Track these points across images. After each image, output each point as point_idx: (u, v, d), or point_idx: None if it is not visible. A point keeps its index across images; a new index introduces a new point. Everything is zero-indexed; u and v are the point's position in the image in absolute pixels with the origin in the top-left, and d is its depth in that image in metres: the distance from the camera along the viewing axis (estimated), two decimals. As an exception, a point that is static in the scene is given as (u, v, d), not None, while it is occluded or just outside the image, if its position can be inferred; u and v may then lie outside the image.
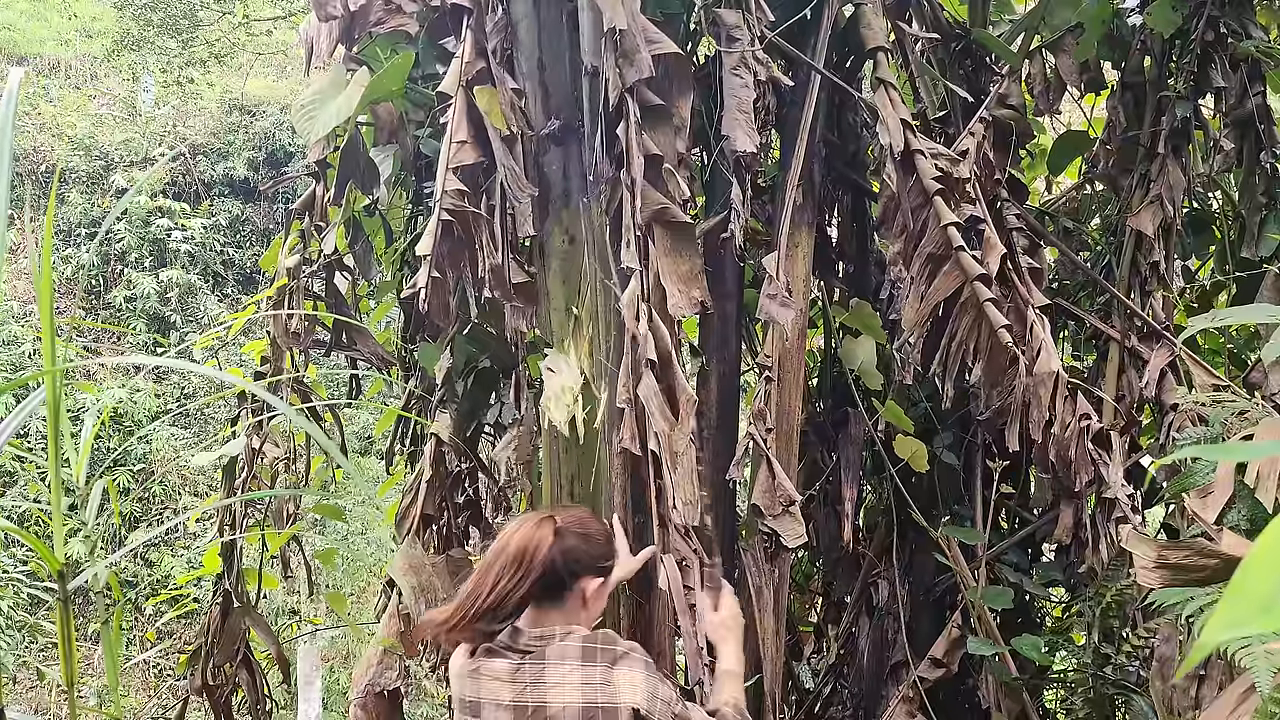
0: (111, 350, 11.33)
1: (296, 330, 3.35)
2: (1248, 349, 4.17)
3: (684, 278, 2.57)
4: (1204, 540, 2.13)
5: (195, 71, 12.64)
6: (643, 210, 2.54)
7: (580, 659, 2.00)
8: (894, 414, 3.40)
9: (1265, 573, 0.51)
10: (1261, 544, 0.53)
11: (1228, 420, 2.44)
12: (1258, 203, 3.74)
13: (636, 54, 2.54)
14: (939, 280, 2.95)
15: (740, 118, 2.72)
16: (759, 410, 2.89)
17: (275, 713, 3.89)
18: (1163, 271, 3.70)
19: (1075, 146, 4.15)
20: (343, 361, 3.76)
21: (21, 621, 7.59)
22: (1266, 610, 0.50)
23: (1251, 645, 1.79)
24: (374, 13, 3.21)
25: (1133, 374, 3.64)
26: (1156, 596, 2.15)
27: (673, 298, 2.54)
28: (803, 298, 3.13)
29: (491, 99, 2.83)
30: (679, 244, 2.59)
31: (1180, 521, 2.78)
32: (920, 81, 3.52)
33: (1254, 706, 1.88)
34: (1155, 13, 3.49)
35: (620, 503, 2.65)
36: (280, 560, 3.87)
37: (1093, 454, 3.09)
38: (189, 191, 12.67)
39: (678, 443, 2.46)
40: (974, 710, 3.60)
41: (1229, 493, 2.23)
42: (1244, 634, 0.50)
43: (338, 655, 9.83)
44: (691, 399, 2.50)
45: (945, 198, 2.94)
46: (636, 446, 2.49)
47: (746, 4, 2.85)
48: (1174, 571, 2.11)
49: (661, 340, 2.48)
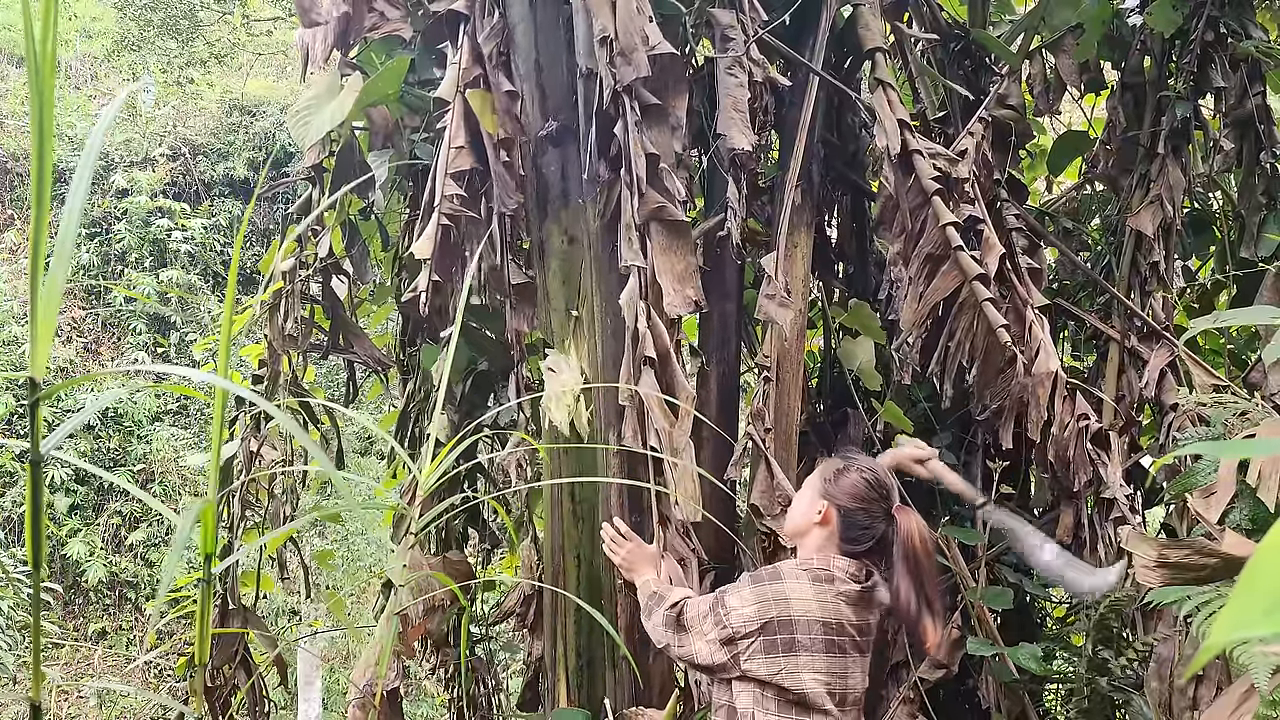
0: (112, 350, 11.32)
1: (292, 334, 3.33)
2: (1248, 349, 4.16)
3: (679, 276, 2.57)
4: (1204, 539, 2.13)
5: (195, 72, 12.64)
6: (640, 209, 2.54)
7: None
8: (892, 414, 3.39)
9: (1272, 574, 0.51)
10: (1269, 544, 0.53)
11: (1228, 420, 2.44)
12: (1257, 203, 3.74)
13: (633, 54, 2.54)
14: (938, 280, 2.95)
15: (735, 117, 2.72)
16: (758, 410, 2.88)
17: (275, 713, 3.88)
18: (1163, 271, 3.70)
19: (1075, 147, 4.14)
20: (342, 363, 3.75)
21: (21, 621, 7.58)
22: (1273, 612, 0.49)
23: (1250, 645, 1.79)
24: (367, 18, 3.20)
25: (1132, 374, 3.63)
26: (1154, 596, 2.15)
27: (668, 296, 2.53)
28: (802, 298, 3.13)
29: (484, 102, 2.83)
30: (675, 242, 2.59)
31: (1179, 522, 2.78)
32: (920, 82, 3.51)
33: (1254, 707, 1.87)
34: (1155, 13, 3.49)
35: (618, 502, 2.66)
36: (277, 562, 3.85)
37: (1092, 454, 3.08)
38: (189, 191, 12.66)
39: (677, 440, 2.44)
40: (974, 710, 3.60)
41: (1231, 492, 2.22)
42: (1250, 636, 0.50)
43: (338, 655, 9.82)
44: (691, 396, 2.50)
45: (944, 197, 2.94)
46: (638, 444, 2.49)
47: (740, 4, 2.85)
48: (1174, 570, 2.11)
49: (660, 338, 2.48)
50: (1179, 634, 2.69)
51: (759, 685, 2.02)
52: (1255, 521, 2.20)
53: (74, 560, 9.66)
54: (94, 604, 9.88)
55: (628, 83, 2.54)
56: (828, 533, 2.13)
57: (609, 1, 2.57)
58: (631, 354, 2.53)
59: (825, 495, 2.14)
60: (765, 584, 2.07)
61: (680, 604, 2.20)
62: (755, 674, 2.01)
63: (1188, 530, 2.62)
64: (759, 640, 2.01)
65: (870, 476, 2.13)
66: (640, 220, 2.55)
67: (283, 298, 3.34)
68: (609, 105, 2.60)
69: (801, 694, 2.00)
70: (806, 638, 2.01)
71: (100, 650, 9.54)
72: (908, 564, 2.05)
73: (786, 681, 2.00)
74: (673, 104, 2.68)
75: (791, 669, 2.00)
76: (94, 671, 9.29)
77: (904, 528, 2.08)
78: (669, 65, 2.67)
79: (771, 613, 2.03)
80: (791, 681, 2.00)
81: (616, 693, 2.81)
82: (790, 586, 2.06)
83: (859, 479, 2.12)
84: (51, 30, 0.73)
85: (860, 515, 2.10)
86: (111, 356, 11.19)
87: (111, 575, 9.85)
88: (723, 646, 2.05)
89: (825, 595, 2.06)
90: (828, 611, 2.05)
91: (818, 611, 2.04)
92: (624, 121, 2.57)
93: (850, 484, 2.12)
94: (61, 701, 8.94)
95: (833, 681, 2.03)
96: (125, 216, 11.83)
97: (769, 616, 2.02)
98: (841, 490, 2.12)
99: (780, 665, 2.00)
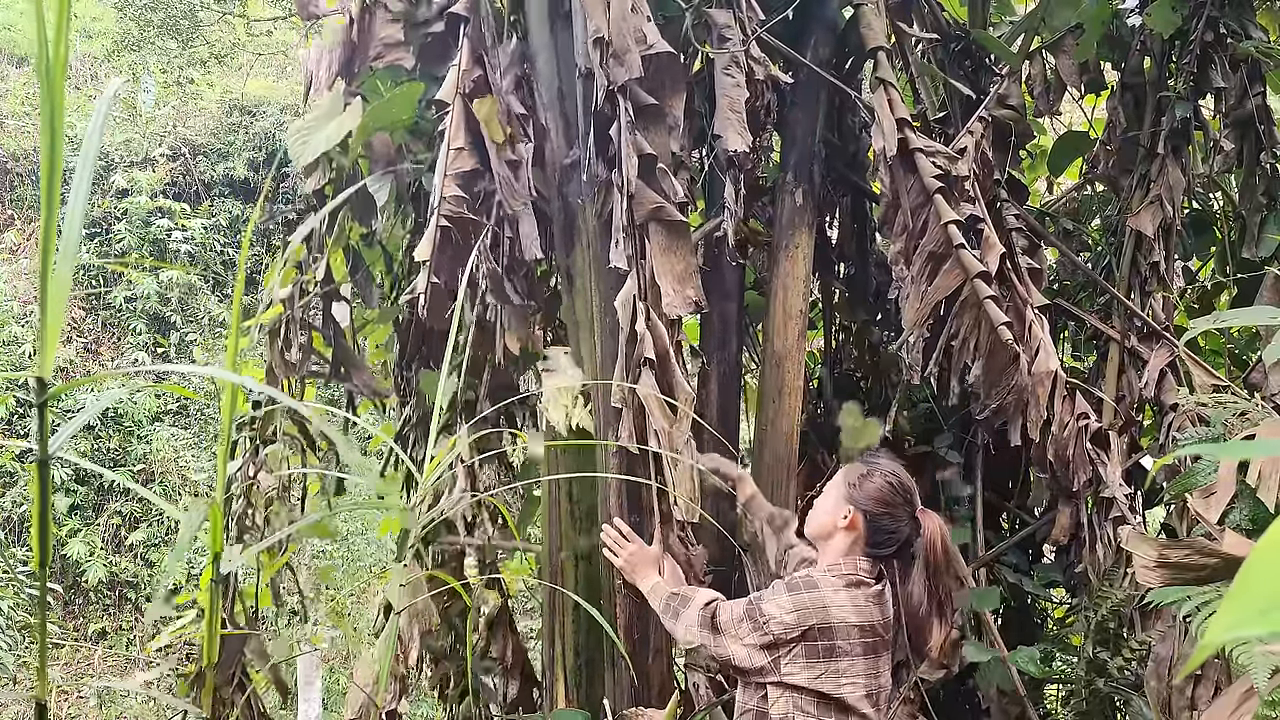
0: (112, 350, 11.32)
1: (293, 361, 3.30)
2: (1249, 349, 4.17)
3: (678, 277, 2.56)
4: (1204, 539, 2.13)
5: (195, 72, 12.64)
6: (637, 209, 2.53)
7: None
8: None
9: (1268, 574, 0.51)
10: (1264, 545, 0.53)
11: (1228, 420, 2.44)
12: (1258, 203, 3.74)
13: (626, 54, 2.53)
14: (940, 279, 2.95)
15: (731, 117, 2.71)
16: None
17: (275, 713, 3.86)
18: (1163, 272, 3.70)
19: (1075, 147, 4.15)
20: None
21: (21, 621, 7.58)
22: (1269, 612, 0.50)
23: (1249, 645, 1.79)
24: (373, 47, 3.18)
25: (1132, 374, 3.64)
26: (1154, 596, 2.15)
27: (667, 297, 2.52)
28: (803, 299, 3.13)
29: (491, 109, 2.82)
30: (674, 243, 2.57)
31: (1179, 522, 2.78)
32: (920, 82, 3.52)
33: (1254, 707, 1.88)
34: (1155, 13, 3.49)
35: (617, 502, 2.65)
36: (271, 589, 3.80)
37: (1091, 454, 3.09)
38: (189, 192, 12.66)
39: (676, 440, 2.43)
40: (974, 710, 3.60)
41: (1231, 492, 2.23)
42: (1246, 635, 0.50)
43: (338, 655, 9.82)
44: (690, 396, 2.49)
45: (946, 196, 2.94)
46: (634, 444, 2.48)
47: (738, 3, 2.83)
48: (1174, 570, 2.11)
49: (660, 339, 2.47)
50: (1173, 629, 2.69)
51: (795, 690, 2.05)
52: (1255, 521, 2.21)
53: (74, 560, 9.65)
54: (94, 604, 9.87)
55: (621, 83, 2.53)
56: (854, 537, 2.14)
57: (603, 1, 2.56)
58: (627, 355, 2.51)
59: (850, 500, 2.15)
60: (803, 592, 2.09)
61: (714, 604, 2.21)
62: (794, 679, 2.04)
63: (1188, 530, 2.62)
64: (800, 646, 2.04)
65: (894, 480, 2.14)
66: (636, 221, 2.54)
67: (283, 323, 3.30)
68: (603, 105, 2.59)
69: (840, 698, 2.03)
70: (846, 643, 2.05)
71: (100, 650, 9.53)
72: (927, 567, 2.09)
73: (826, 686, 2.03)
74: (670, 104, 2.67)
75: (832, 674, 2.04)
76: (94, 671, 9.29)
77: (928, 531, 2.11)
78: (666, 65, 2.66)
79: (812, 620, 2.04)
80: (831, 686, 2.03)
81: (615, 693, 2.81)
82: (829, 595, 2.08)
83: (884, 483, 2.14)
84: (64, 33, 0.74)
85: (886, 520, 2.12)
86: (111, 357, 11.19)
87: (111, 575, 9.84)
88: (762, 650, 2.08)
89: (859, 600, 2.09)
90: (863, 616, 2.07)
91: (854, 617, 2.06)
92: (618, 122, 2.56)
93: (875, 489, 2.14)
94: (61, 701, 8.94)
95: (869, 683, 2.07)
96: (125, 216, 11.83)
97: (809, 624, 2.04)
98: (867, 495, 2.14)
99: (820, 670, 2.04)
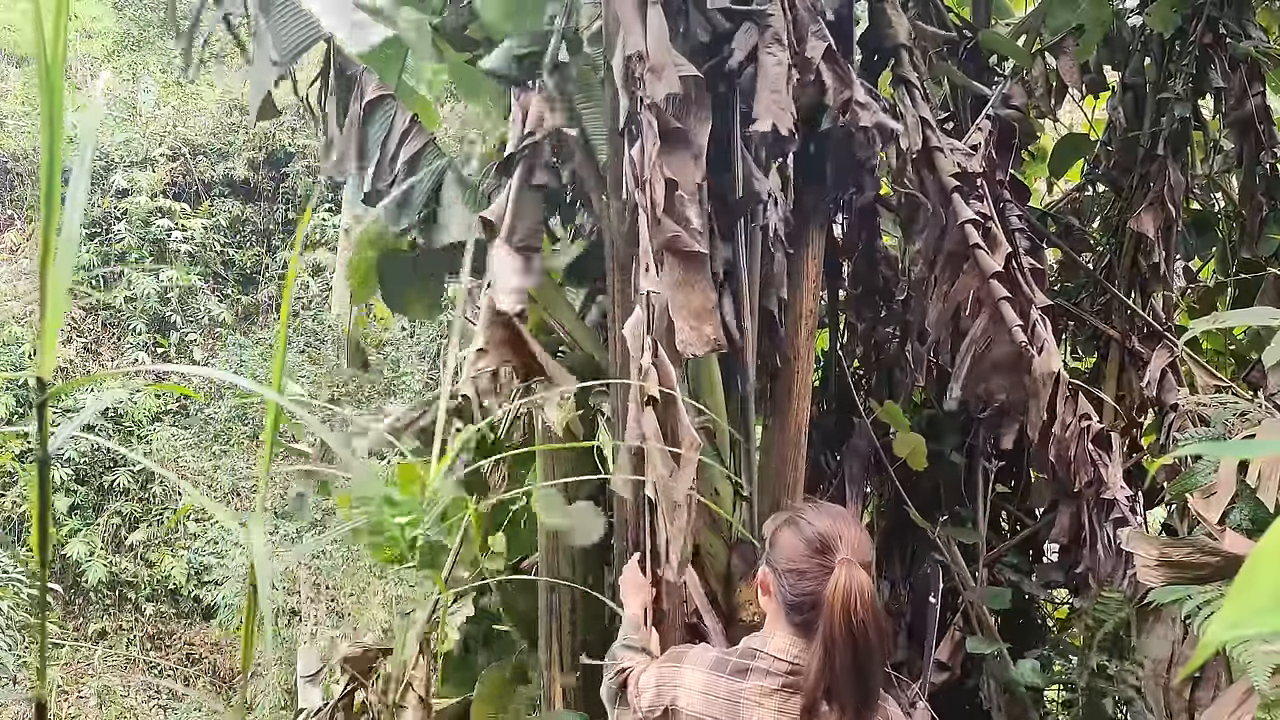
0: (112, 350, 11.33)
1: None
2: (1251, 349, 4.17)
3: (695, 312, 2.31)
4: (1205, 539, 2.13)
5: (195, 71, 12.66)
6: (654, 237, 2.32)
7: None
8: (892, 414, 3.40)
9: (1268, 573, 0.51)
10: (1265, 544, 0.53)
11: (1228, 420, 2.45)
12: (1258, 203, 3.75)
13: (664, 70, 2.35)
14: (962, 279, 2.92)
15: (773, 99, 2.50)
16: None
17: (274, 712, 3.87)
18: (1163, 272, 3.70)
19: (1076, 148, 4.15)
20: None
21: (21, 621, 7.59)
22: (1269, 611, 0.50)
23: (1250, 644, 1.80)
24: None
25: (1133, 374, 3.64)
26: (1155, 596, 2.15)
27: (681, 334, 2.28)
28: (813, 298, 3.09)
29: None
30: (690, 276, 2.34)
31: (1180, 522, 2.78)
32: (927, 82, 3.51)
33: (1254, 707, 1.88)
34: (1155, 13, 3.49)
35: None
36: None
37: (1092, 454, 3.08)
38: (189, 192, 12.66)
39: (676, 492, 2.09)
40: (975, 711, 3.60)
41: (1231, 492, 2.23)
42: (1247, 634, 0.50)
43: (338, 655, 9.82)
44: (696, 443, 2.17)
45: (962, 195, 2.94)
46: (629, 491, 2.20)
47: None
48: (1175, 569, 2.11)
49: (666, 376, 2.21)
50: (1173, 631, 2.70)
51: None
52: (1255, 521, 2.21)
53: (74, 560, 9.67)
54: (94, 604, 9.88)
55: (658, 99, 2.35)
56: (774, 605, 1.77)
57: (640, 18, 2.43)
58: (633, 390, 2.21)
59: (766, 560, 1.81)
60: (667, 666, 1.86)
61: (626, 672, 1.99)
62: None
63: (1188, 530, 2.62)
64: None
65: (810, 530, 1.73)
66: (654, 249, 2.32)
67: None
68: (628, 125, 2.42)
69: None
70: None
71: (100, 650, 9.54)
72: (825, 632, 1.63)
73: None
74: (695, 131, 2.48)
75: None
76: (94, 671, 9.29)
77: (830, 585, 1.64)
78: (694, 90, 2.50)
79: (665, 699, 1.81)
80: None
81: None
82: (685, 675, 1.80)
83: (793, 534, 1.75)
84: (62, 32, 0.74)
85: (794, 578, 1.71)
86: (111, 356, 11.20)
87: (111, 575, 9.85)
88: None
89: (721, 690, 1.74)
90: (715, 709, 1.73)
91: (700, 706, 1.74)
92: (641, 142, 2.37)
93: (785, 541, 1.76)
94: (61, 701, 8.95)
95: None
96: (125, 216, 11.84)
97: (661, 704, 1.81)
98: (779, 551, 1.77)
99: None
